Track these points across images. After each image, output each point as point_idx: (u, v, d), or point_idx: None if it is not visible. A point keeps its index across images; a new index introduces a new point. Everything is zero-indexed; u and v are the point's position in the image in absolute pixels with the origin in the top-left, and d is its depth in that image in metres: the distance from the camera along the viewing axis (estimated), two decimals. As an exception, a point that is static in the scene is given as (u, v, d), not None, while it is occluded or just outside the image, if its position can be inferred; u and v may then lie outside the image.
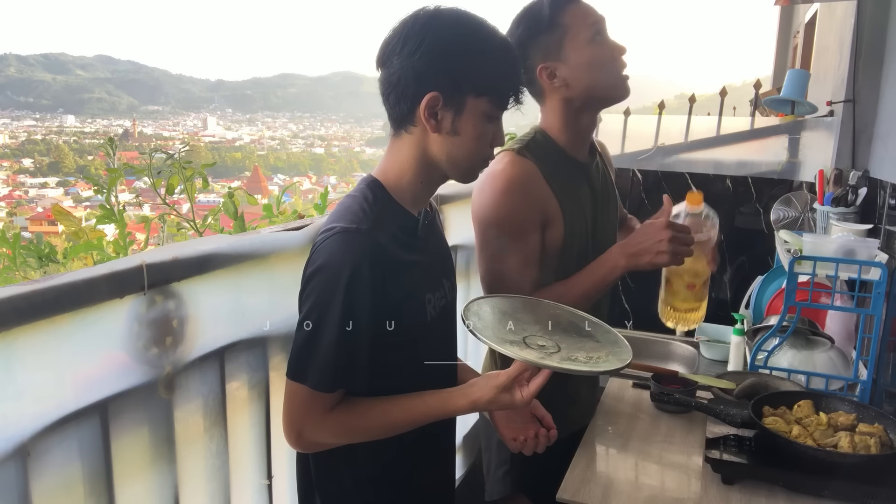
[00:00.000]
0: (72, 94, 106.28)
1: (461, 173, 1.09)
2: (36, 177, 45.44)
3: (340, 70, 37.38)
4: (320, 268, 1.00)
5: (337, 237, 1.00)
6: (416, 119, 1.03)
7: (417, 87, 1.01)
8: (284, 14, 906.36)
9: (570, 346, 1.11)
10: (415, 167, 1.07)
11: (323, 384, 1.00)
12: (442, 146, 1.04)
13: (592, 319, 1.21)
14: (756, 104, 3.12)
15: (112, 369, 0.97)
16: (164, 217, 2.17)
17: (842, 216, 1.95)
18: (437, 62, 1.00)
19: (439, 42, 1.00)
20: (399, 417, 1.05)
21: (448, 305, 1.18)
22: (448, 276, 1.20)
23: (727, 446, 1.31)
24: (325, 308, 0.98)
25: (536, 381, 1.01)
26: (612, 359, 1.08)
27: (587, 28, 1.36)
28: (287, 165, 63.51)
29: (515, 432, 1.18)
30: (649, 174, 2.87)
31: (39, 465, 0.86)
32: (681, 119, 2.95)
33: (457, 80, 1.01)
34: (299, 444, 1.05)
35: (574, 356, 1.07)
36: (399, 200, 1.08)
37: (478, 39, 1.02)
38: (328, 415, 1.02)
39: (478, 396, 1.03)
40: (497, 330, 1.11)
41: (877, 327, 1.51)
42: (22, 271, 1.94)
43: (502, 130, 1.09)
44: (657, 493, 1.25)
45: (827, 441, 1.28)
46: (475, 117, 1.03)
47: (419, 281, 1.09)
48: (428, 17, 1.01)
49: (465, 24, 1.02)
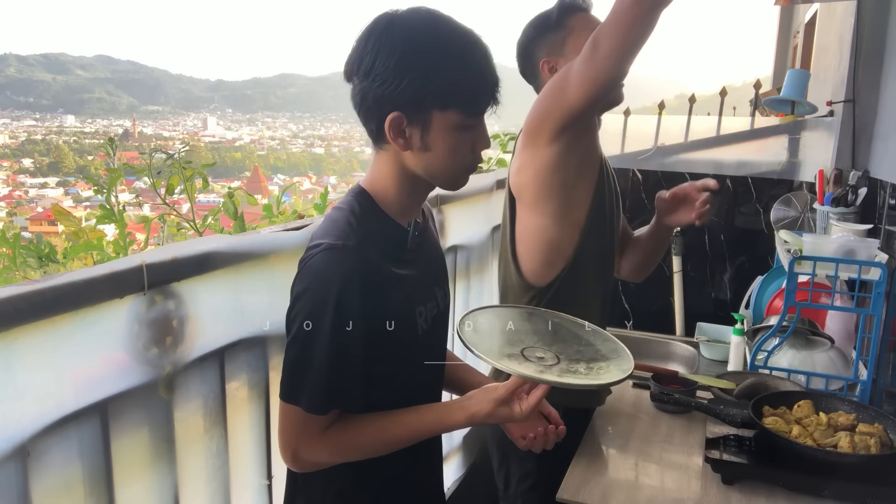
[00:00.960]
0: (72, 94, 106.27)
1: (444, 183, 1.06)
2: (36, 177, 45.43)
3: (340, 70, 37.98)
4: (308, 287, 0.97)
5: (323, 255, 0.97)
6: (385, 137, 0.99)
7: (379, 110, 0.97)
8: (284, 14, 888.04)
9: (569, 356, 1.10)
10: (398, 180, 1.04)
11: (316, 406, 0.98)
12: (417, 162, 1.01)
13: (592, 327, 1.20)
14: (756, 104, 3.12)
15: (112, 369, 0.97)
16: (164, 217, 2.17)
17: (842, 216, 1.95)
18: (393, 82, 0.93)
19: (392, 60, 0.93)
20: (396, 433, 1.03)
21: (440, 314, 1.16)
22: (441, 285, 1.18)
23: (727, 446, 1.31)
24: (313, 328, 0.96)
25: (536, 393, 1.00)
26: (614, 369, 1.07)
27: (590, 32, 1.36)
28: (287, 165, 63.49)
29: (524, 430, 1.16)
30: (649, 174, 2.87)
31: (39, 465, 0.86)
32: (681, 119, 2.95)
33: (417, 98, 0.94)
34: (296, 464, 1.03)
35: (574, 368, 1.06)
36: (387, 211, 1.06)
37: (436, 48, 0.95)
38: (323, 435, 1.00)
39: (476, 410, 1.01)
40: (494, 342, 1.10)
41: (877, 327, 1.51)
42: (22, 271, 1.94)
43: (485, 133, 1.03)
44: (657, 493, 1.25)
45: (827, 441, 1.28)
46: (445, 131, 0.97)
47: (409, 295, 1.06)
48: (381, 29, 0.95)
49: (421, 33, 0.95)
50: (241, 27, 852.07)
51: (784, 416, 1.36)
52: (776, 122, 2.85)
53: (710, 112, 3.08)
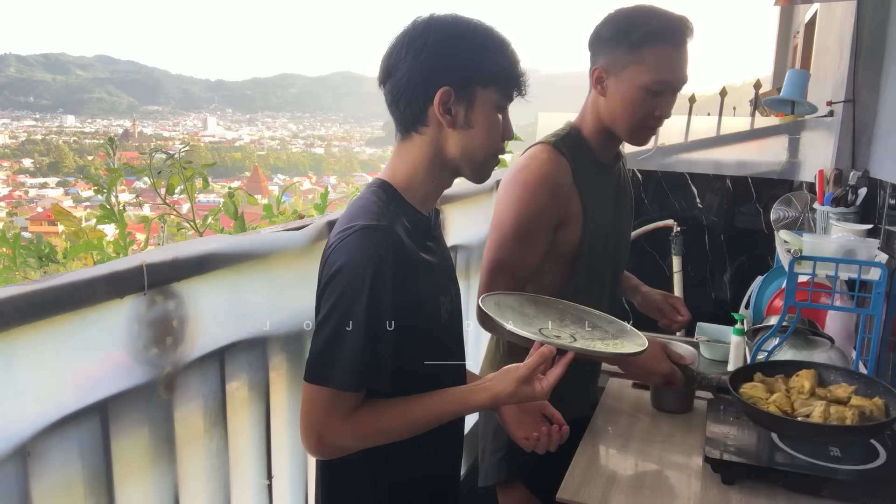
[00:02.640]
0: (72, 94, 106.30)
1: (476, 169, 1.09)
2: (36, 177, 45.45)
3: (340, 70, 37.36)
4: (343, 266, 0.98)
5: (358, 234, 0.98)
6: (427, 119, 1.04)
7: (428, 86, 1.02)
8: (284, 14, 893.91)
9: (583, 336, 1.14)
10: (427, 168, 1.07)
11: (348, 383, 0.98)
12: (457, 141, 1.05)
13: (596, 313, 1.25)
14: (756, 104, 3.12)
15: (112, 369, 0.97)
16: (164, 217, 2.17)
17: (842, 216, 1.95)
18: (444, 57, 1.02)
19: (443, 38, 1.02)
20: (421, 416, 1.03)
21: (455, 310, 1.17)
22: (454, 281, 1.20)
23: (727, 446, 1.31)
24: (349, 306, 0.97)
25: (555, 371, 1.02)
26: (630, 343, 1.11)
27: (653, 76, 1.33)
28: (287, 165, 63.52)
29: (527, 431, 1.18)
30: (649, 174, 2.87)
31: (39, 465, 0.86)
32: (681, 119, 2.95)
33: (465, 73, 1.02)
34: (319, 449, 1.02)
35: (592, 345, 1.10)
36: (410, 201, 1.08)
37: (477, 34, 1.04)
38: (350, 417, 1.00)
39: (499, 390, 1.02)
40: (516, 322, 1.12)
41: (877, 327, 1.51)
42: (22, 271, 1.94)
43: (510, 123, 1.09)
44: (657, 493, 1.25)
45: (802, 410, 1.26)
46: (486, 108, 1.04)
47: (434, 281, 1.09)
48: (426, 20, 1.04)
49: (463, 22, 1.05)
50: (241, 27, 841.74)
51: (773, 384, 1.34)
52: (776, 122, 2.85)
53: (710, 112, 3.08)
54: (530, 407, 1.23)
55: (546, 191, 1.38)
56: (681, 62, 1.36)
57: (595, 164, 1.47)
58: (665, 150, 2.92)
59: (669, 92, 1.36)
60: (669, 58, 1.34)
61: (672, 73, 1.35)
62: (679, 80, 1.36)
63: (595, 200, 1.45)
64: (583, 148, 1.45)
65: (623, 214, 1.59)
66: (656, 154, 2.89)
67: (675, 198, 2.87)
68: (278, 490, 1.31)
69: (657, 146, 2.91)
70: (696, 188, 2.85)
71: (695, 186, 2.85)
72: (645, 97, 1.35)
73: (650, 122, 1.39)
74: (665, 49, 1.33)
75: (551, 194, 1.38)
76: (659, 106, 1.36)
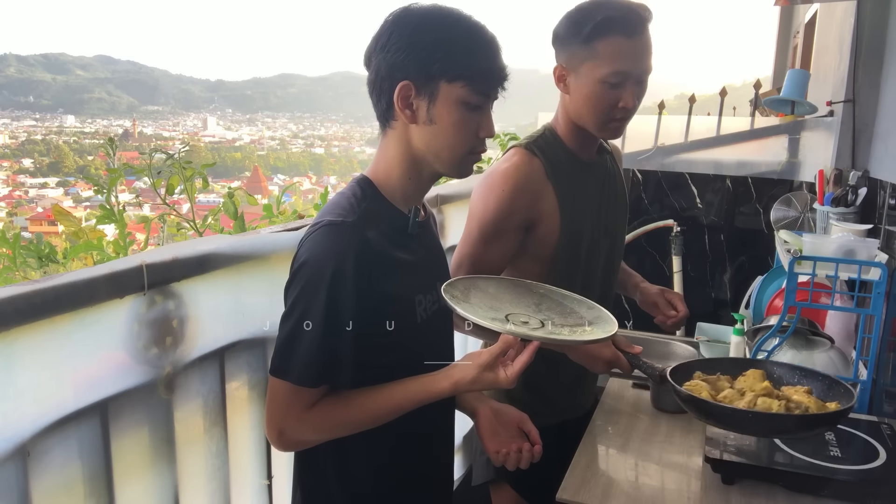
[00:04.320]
0: (72, 94, 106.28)
1: (448, 165, 1.06)
2: (36, 177, 45.44)
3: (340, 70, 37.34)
4: (305, 262, 0.98)
5: (323, 230, 0.99)
6: (395, 114, 1.03)
7: (391, 80, 1.01)
8: (284, 14, 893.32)
9: (553, 322, 1.11)
10: (401, 163, 1.06)
11: (305, 379, 0.98)
12: (421, 137, 1.03)
13: (577, 298, 1.21)
14: (756, 104, 3.13)
15: (112, 369, 0.97)
16: (164, 217, 2.17)
17: (842, 216, 1.95)
18: (406, 51, 1.00)
19: (406, 33, 1.00)
20: (381, 405, 1.02)
21: (442, 309, 1.15)
22: (443, 280, 1.18)
23: (727, 446, 1.31)
24: (308, 302, 0.97)
25: (521, 358, 0.99)
26: (597, 330, 1.08)
27: (609, 68, 1.32)
28: (287, 165, 63.51)
29: (499, 445, 1.15)
30: (649, 174, 2.87)
31: (39, 465, 0.86)
32: (681, 119, 2.95)
33: (426, 67, 1.00)
34: (281, 442, 1.03)
35: (558, 332, 1.06)
36: (389, 198, 1.07)
37: (446, 26, 1.01)
38: (310, 411, 1.00)
39: (460, 377, 1.01)
40: (479, 308, 1.09)
41: (877, 327, 1.51)
42: (22, 271, 1.94)
43: (490, 120, 1.06)
44: (657, 493, 1.25)
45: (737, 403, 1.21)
46: (450, 104, 1.01)
47: (408, 280, 1.07)
48: (398, 13, 1.03)
49: (433, 15, 1.03)
50: (241, 27, 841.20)
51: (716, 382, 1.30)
52: (776, 122, 2.85)
53: (710, 112, 3.09)
54: (508, 420, 1.20)
55: (513, 193, 1.37)
56: (637, 51, 1.33)
57: (574, 163, 1.46)
58: (665, 150, 2.92)
59: (631, 82, 1.34)
60: (623, 48, 1.31)
61: (627, 64, 1.32)
62: (638, 70, 1.34)
63: (574, 198, 1.44)
64: (557, 148, 1.44)
65: (612, 210, 1.55)
66: (656, 154, 2.89)
67: (675, 198, 2.88)
68: (278, 490, 1.31)
69: (657, 146, 2.91)
70: (696, 188, 2.85)
71: (695, 186, 2.85)
72: (604, 90, 1.33)
73: (616, 114, 1.37)
74: (618, 40, 1.31)
75: (519, 196, 1.38)
76: (622, 97, 1.34)
